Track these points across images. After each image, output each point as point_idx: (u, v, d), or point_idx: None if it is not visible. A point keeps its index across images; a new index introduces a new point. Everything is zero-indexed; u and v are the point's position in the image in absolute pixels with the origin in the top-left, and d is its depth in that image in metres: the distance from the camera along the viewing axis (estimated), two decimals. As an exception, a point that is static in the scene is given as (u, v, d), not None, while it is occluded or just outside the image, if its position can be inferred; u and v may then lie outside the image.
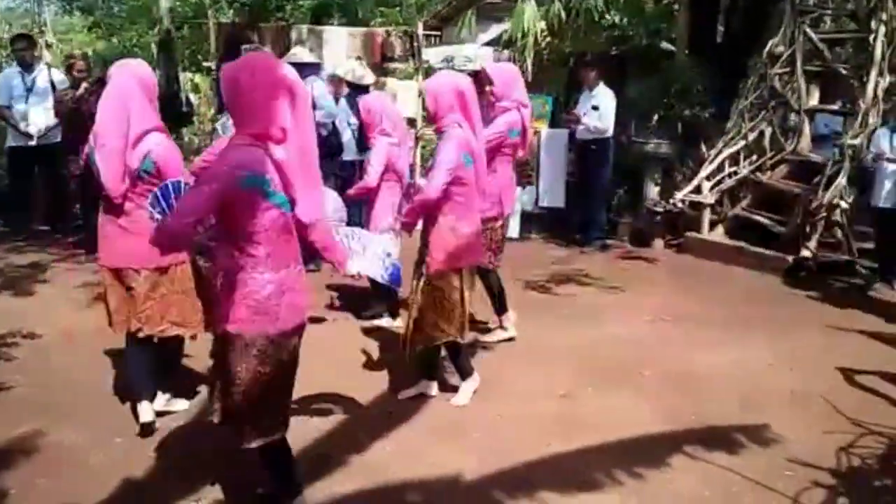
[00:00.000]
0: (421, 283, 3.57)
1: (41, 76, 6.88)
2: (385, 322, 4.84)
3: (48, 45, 14.23)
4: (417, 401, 3.78)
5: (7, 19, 19.05)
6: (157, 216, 2.59)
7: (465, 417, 3.63)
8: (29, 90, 6.79)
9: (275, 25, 9.53)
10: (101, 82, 6.73)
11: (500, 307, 4.64)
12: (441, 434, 3.46)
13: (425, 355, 3.78)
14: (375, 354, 4.42)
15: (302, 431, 3.36)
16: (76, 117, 6.24)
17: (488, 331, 4.73)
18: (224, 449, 3.17)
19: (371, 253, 3.11)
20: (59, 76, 6.95)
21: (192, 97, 8.86)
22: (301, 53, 7.03)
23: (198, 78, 8.37)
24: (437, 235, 3.52)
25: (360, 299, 5.13)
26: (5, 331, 4.54)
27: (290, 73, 2.44)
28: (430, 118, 3.70)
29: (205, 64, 8.50)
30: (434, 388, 3.86)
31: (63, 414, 3.49)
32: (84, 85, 6.29)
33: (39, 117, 6.78)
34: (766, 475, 3.10)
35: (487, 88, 4.49)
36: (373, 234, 3.51)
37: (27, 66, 6.91)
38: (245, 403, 2.50)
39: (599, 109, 6.97)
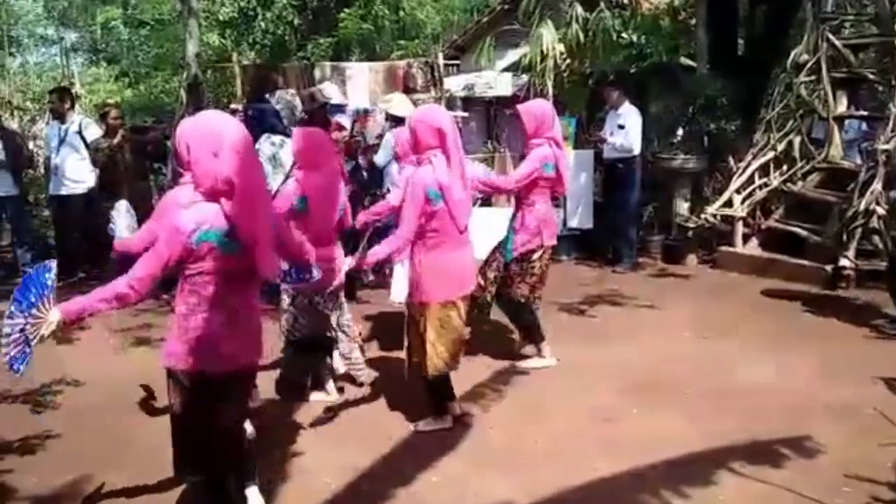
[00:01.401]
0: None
1: (72, 127, 7.05)
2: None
3: (76, 97, 14.66)
4: (460, 429, 3.75)
5: (37, 72, 19.71)
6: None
7: (510, 445, 3.59)
8: (61, 141, 6.98)
9: (298, 64, 9.70)
10: (135, 130, 6.96)
11: (532, 338, 4.61)
12: (486, 462, 3.42)
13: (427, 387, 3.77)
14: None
15: (345, 465, 3.37)
16: (113, 165, 6.42)
17: (523, 357, 4.70)
18: (265, 493, 3.18)
19: None
20: (88, 125, 7.12)
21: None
22: (330, 91, 7.12)
23: (225, 120, 8.50)
24: (413, 269, 3.61)
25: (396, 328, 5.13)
26: (49, 379, 4.60)
27: (236, 130, 2.46)
28: (411, 150, 3.76)
29: (231, 106, 8.64)
30: (448, 420, 3.78)
31: (107, 462, 3.51)
32: (121, 132, 6.47)
33: (70, 167, 6.96)
34: (821, 492, 3.01)
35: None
36: None
37: (60, 118, 7.12)
38: (178, 436, 2.58)
39: (626, 128, 6.97)
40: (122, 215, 3.52)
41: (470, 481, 3.25)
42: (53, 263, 2.65)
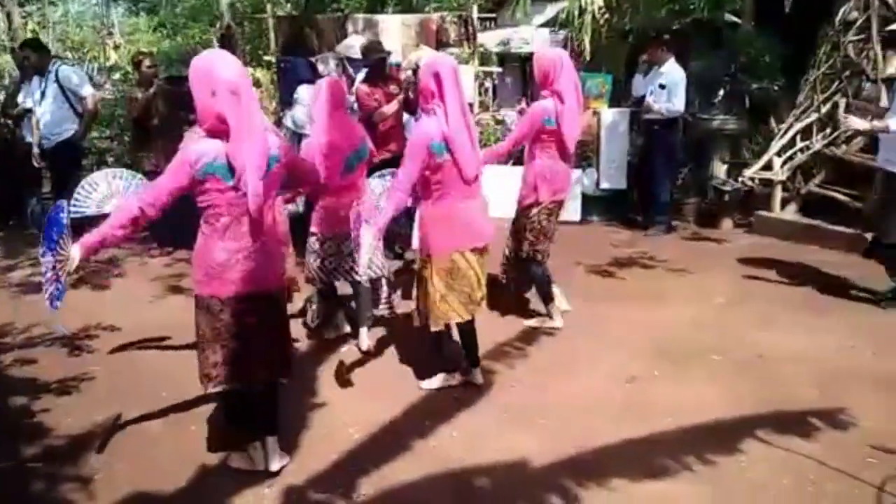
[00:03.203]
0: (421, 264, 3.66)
1: (50, 76, 6.58)
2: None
3: (116, 47, 14.76)
4: (482, 385, 3.77)
5: (77, 22, 19.85)
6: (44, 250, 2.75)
7: (531, 403, 3.60)
8: (42, 94, 6.60)
9: (331, 16, 9.60)
10: (170, 81, 6.96)
11: (542, 297, 4.58)
12: (507, 420, 3.45)
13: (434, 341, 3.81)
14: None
15: (369, 416, 3.43)
16: (146, 116, 6.44)
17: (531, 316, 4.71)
18: (291, 440, 3.26)
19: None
20: (68, 75, 6.63)
21: (254, 91, 9.04)
22: (354, 46, 7.04)
23: (258, 72, 8.49)
24: (420, 221, 3.62)
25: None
26: (86, 323, 4.75)
27: (231, 70, 2.66)
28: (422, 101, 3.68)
29: (265, 58, 8.61)
30: (457, 378, 3.81)
31: (140, 402, 3.63)
32: (156, 82, 6.48)
33: (55, 119, 6.56)
34: (848, 463, 2.97)
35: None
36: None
37: (39, 71, 6.67)
38: (204, 354, 2.85)
39: (667, 88, 6.74)
40: (99, 188, 3.51)
41: (489, 437, 3.28)
42: (65, 203, 2.84)
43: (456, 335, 3.83)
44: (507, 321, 4.66)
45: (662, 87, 6.78)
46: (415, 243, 4.89)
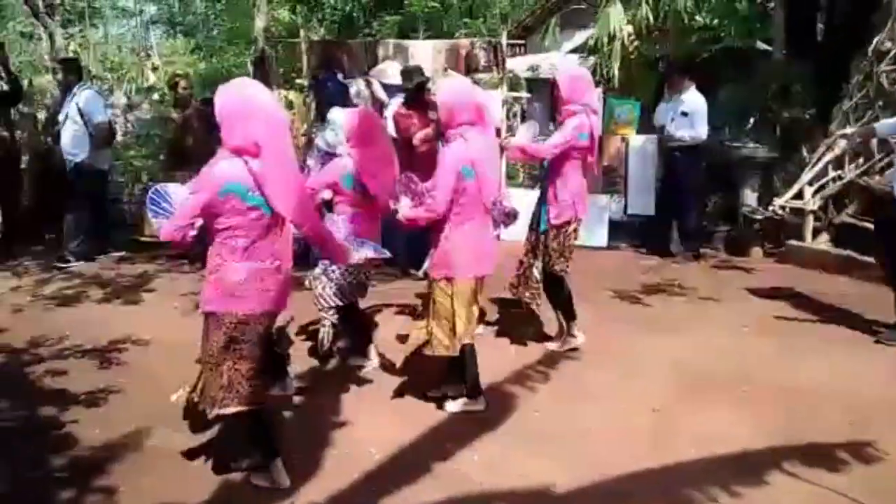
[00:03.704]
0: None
1: (74, 98, 6.74)
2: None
3: (154, 68, 15.15)
4: (504, 410, 3.75)
5: (116, 43, 20.44)
6: (153, 216, 3.02)
7: (554, 428, 3.58)
8: (66, 114, 6.76)
9: (363, 41, 9.76)
10: (206, 102, 7.12)
11: (566, 314, 4.56)
12: (529, 445, 3.42)
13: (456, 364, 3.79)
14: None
15: (388, 438, 3.42)
16: (182, 136, 6.59)
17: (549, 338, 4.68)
18: (311, 457, 3.27)
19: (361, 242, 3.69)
20: (88, 99, 6.72)
21: (287, 113, 9.20)
22: (387, 70, 7.15)
23: (291, 94, 8.64)
24: (434, 243, 3.62)
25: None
26: (116, 337, 4.83)
27: (260, 95, 2.80)
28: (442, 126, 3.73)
29: (297, 81, 8.77)
30: (480, 403, 3.78)
31: (166, 417, 3.65)
32: (194, 103, 6.63)
33: (68, 139, 6.70)
34: (877, 498, 2.90)
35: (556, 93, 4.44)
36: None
37: (67, 89, 6.89)
38: (217, 373, 2.89)
39: (689, 116, 6.77)
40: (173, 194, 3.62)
41: (510, 462, 3.26)
42: (158, 186, 3.09)
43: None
44: (529, 345, 4.65)
45: (685, 114, 6.80)
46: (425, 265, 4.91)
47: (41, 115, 7.01)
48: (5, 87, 6.98)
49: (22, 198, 7.58)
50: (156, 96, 11.59)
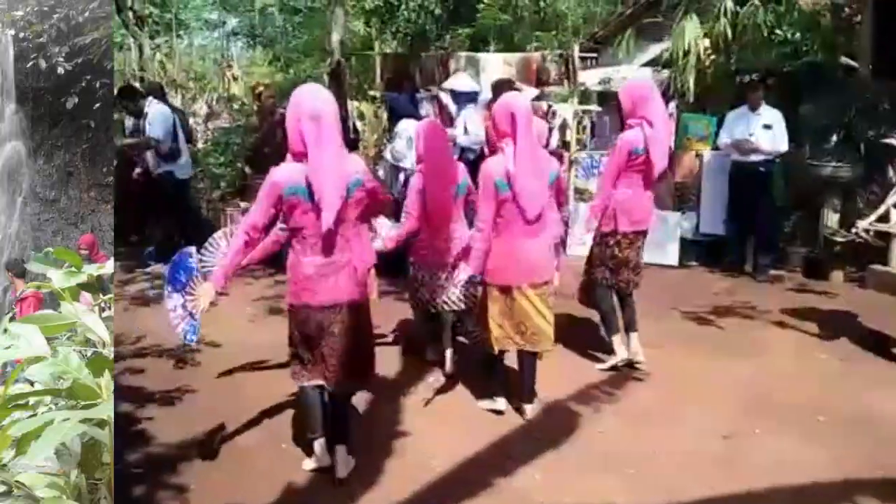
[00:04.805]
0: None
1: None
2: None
3: (235, 78, 15.68)
4: (568, 429, 3.71)
5: (199, 54, 21.26)
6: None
7: (619, 450, 3.52)
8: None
9: (435, 54, 9.87)
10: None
11: (608, 328, 4.48)
12: (592, 465, 3.37)
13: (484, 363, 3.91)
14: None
15: (451, 450, 3.44)
16: (264, 144, 6.79)
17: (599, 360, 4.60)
18: (375, 463, 3.31)
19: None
20: (153, 119, 6.80)
21: (359, 124, 9.39)
22: (458, 81, 7.23)
23: (363, 106, 8.83)
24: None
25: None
26: (191, 338, 5.01)
27: (315, 100, 2.96)
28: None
29: (370, 93, 8.95)
30: (501, 403, 3.86)
31: (237, 417, 3.79)
32: (279, 111, 6.86)
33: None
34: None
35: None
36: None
37: (136, 114, 7.04)
38: (293, 356, 3.18)
39: (772, 127, 6.59)
40: (221, 244, 3.87)
41: (573, 482, 3.22)
42: (192, 249, 3.33)
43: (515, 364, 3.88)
44: (595, 364, 4.58)
45: (767, 126, 6.61)
46: None
47: (128, 123, 7.30)
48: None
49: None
50: (236, 105, 12.00)
